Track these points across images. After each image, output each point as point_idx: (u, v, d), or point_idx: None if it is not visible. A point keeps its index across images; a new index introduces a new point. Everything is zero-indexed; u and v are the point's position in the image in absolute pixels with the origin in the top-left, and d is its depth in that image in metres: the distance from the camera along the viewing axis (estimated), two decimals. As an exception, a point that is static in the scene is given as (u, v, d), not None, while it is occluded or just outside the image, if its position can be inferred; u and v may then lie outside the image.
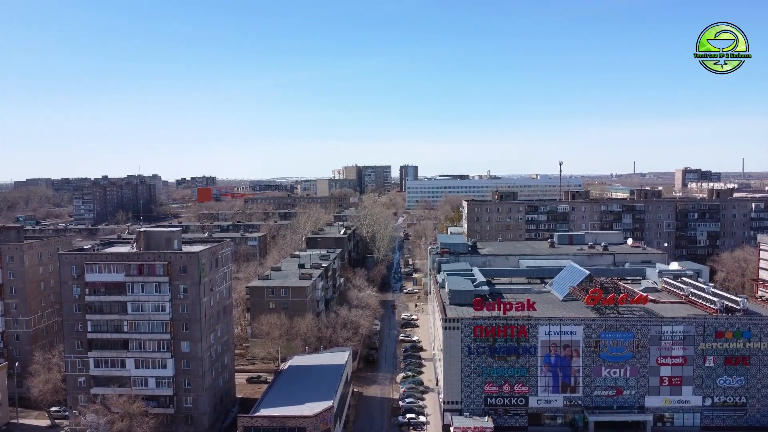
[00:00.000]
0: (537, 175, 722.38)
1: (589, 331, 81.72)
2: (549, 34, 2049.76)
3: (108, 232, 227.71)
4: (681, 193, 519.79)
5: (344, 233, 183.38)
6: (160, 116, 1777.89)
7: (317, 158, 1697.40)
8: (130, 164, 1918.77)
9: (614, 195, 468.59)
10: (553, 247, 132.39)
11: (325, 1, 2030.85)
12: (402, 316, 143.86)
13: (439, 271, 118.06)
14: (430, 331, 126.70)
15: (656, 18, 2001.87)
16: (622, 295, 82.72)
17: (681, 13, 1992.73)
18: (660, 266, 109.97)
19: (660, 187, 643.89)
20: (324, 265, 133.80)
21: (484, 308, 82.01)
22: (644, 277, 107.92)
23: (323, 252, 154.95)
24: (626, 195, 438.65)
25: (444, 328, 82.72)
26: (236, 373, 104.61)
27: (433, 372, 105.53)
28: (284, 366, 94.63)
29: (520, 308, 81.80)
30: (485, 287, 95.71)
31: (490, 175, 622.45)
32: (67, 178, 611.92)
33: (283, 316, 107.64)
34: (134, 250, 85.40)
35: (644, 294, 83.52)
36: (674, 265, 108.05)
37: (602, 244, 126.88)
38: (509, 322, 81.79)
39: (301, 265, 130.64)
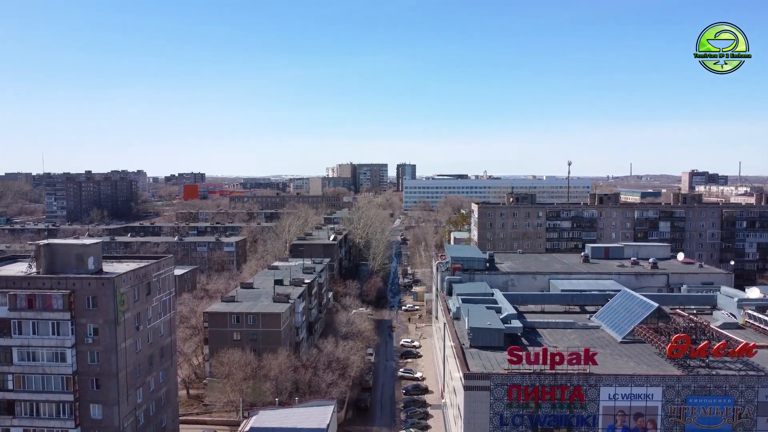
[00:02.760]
0: (533, 176, 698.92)
1: (672, 393, 57.60)
2: (546, 35, 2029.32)
3: (69, 233, 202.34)
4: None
5: (334, 239, 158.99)
6: (154, 112, 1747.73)
7: (313, 156, 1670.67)
8: (124, 161, 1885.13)
9: (623, 198, 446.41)
10: (588, 262, 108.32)
11: (322, 0, 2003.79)
12: (401, 342, 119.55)
13: (449, 293, 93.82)
14: (436, 363, 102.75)
15: (656, 19, 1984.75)
16: (719, 344, 58.50)
17: (681, 13, 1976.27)
18: (728, 291, 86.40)
19: (664, 190, 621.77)
20: (307, 281, 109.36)
21: (524, 360, 57.82)
22: (715, 307, 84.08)
23: (308, 262, 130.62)
24: (636, 198, 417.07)
25: (465, 388, 58.32)
26: (188, 425, 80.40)
27: (443, 427, 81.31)
28: (246, 426, 70.14)
29: (574, 360, 57.59)
30: (517, 323, 71.40)
31: (488, 176, 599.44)
32: (49, 173, 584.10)
33: (249, 352, 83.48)
34: (31, 271, 60.69)
35: (750, 343, 59.29)
36: (755, 292, 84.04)
37: (650, 260, 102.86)
38: (559, 381, 57.53)
39: (279, 282, 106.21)
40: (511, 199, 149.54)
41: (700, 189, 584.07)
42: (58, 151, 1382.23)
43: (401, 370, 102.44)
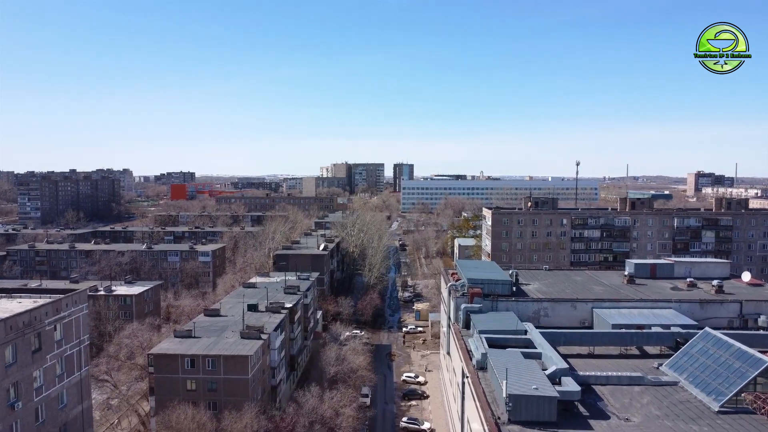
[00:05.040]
0: (530, 176, 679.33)
1: None
2: (542, 36, 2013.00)
3: (30, 237, 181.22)
4: (695, 199, 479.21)
5: (325, 248, 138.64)
6: (149, 111, 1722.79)
7: (310, 155, 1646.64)
8: (118, 160, 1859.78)
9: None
10: (633, 283, 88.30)
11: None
12: (403, 377, 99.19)
13: (467, 326, 73.89)
14: (447, 407, 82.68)
15: (655, 19, 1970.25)
16: None
17: (681, 13, 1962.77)
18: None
19: (666, 191, 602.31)
20: (288, 305, 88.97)
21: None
22: (818, 350, 63.97)
23: (292, 278, 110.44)
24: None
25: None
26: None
27: None
28: None
29: (678, 463, 37.55)
30: (571, 383, 51.13)
31: (485, 176, 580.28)
32: (32, 172, 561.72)
33: (205, 407, 63.18)
34: None
35: None
36: None
37: (714, 282, 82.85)
38: (656, 495, 37.53)
39: (252, 307, 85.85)
40: (529, 203, 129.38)
41: (707, 191, 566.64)
42: (48, 151, 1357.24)
43: (404, 419, 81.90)
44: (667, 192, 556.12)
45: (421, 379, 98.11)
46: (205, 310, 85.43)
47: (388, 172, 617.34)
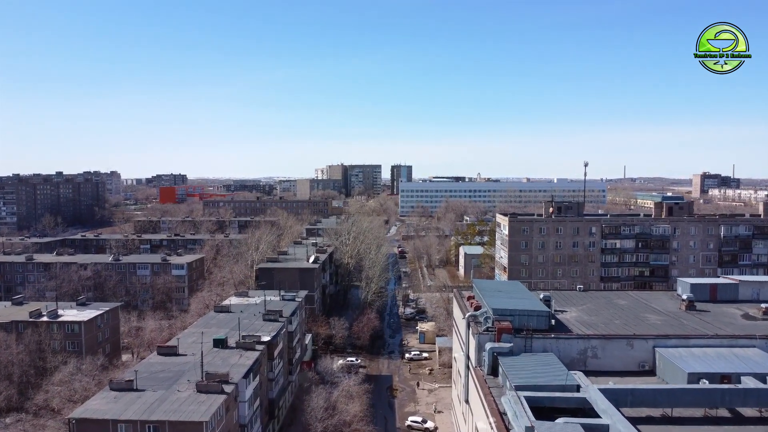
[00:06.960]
0: (527, 178, 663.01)
1: None
2: (539, 38, 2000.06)
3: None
4: (702, 201, 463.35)
5: (315, 260, 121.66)
6: (144, 114, 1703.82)
7: (306, 158, 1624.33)
8: (114, 162, 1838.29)
9: (641, 203, 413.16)
10: (694, 309, 71.27)
11: (314, 1, 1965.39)
12: (408, 422, 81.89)
13: (494, 372, 56.78)
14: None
15: (654, 20, 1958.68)
16: None
17: (681, 13, 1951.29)
18: None
19: (669, 192, 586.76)
20: (266, 338, 71.75)
21: None
22: None
23: (274, 299, 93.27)
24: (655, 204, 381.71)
25: None
26: None
27: None
28: None
29: None
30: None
31: (483, 178, 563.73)
32: (18, 174, 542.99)
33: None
34: None
35: None
36: None
37: (801, 311, 65.76)
38: None
39: (220, 343, 68.57)
40: (551, 209, 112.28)
41: (714, 192, 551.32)
42: (40, 155, 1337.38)
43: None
44: (669, 193, 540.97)
45: (429, 424, 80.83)
46: (158, 347, 67.84)
47: (386, 174, 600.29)
